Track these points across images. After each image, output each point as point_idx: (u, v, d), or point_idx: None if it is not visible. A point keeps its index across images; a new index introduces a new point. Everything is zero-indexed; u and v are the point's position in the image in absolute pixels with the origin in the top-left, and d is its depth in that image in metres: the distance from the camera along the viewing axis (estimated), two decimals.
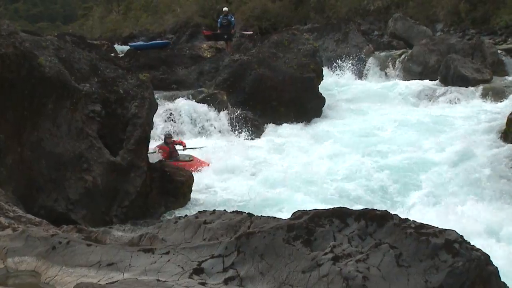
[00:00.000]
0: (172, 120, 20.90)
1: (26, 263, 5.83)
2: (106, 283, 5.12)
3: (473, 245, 5.10)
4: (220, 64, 24.65)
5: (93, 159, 12.46)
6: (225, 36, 29.07)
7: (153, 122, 15.37)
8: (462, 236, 5.12)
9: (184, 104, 21.56)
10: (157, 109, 15.85)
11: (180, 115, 21.19)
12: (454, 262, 4.86)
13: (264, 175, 16.97)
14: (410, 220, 5.43)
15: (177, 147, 17.82)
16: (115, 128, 13.68)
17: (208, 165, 17.34)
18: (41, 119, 11.86)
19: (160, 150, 17.05)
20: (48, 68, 11.92)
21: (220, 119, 21.75)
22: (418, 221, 5.45)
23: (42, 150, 11.85)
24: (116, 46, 37.56)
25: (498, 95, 23.26)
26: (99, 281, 5.23)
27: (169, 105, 21.34)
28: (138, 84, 14.37)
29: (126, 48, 28.14)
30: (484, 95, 23.80)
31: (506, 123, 17.85)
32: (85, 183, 12.18)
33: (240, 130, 21.50)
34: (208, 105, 21.97)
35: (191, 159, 17.52)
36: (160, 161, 14.93)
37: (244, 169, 17.48)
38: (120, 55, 27.38)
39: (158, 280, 5.16)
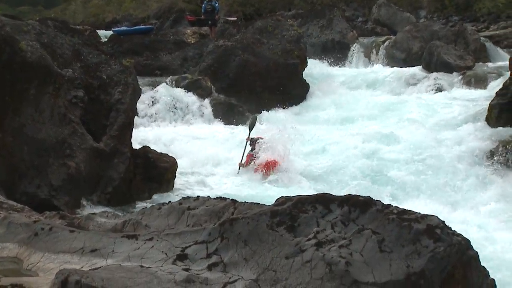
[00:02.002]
0: (155, 106, 20.79)
1: (7, 249, 5.79)
2: (89, 269, 5.10)
3: (454, 231, 5.15)
4: (204, 50, 24.57)
5: (76, 145, 12.39)
6: (209, 22, 28.94)
7: (136, 108, 15.31)
8: (443, 222, 5.17)
9: (167, 90, 21.46)
10: (140, 95, 15.79)
11: (163, 101, 21.09)
12: (436, 247, 4.91)
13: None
14: (392, 206, 5.47)
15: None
16: (98, 114, 13.60)
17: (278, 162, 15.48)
18: (23, 105, 11.75)
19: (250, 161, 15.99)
20: (30, 53, 11.78)
21: (204, 106, 21.68)
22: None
23: (24, 136, 11.74)
24: (99, 31, 37.18)
25: (480, 81, 23.44)
26: (82, 267, 5.21)
27: (153, 91, 21.23)
28: (122, 70, 14.28)
29: (109, 33, 27.93)
30: (466, 82, 23.98)
31: (488, 109, 18.00)
32: (68, 169, 12.11)
33: (224, 116, 21.46)
34: (192, 91, 21.88)
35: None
36: (143, 147, 14.85)
37: (228, 156, 17.49)
38: (103, 41, 27.14)
39: (142, 266, 5.16)
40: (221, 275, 5.12)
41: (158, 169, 14.08)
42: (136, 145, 14.75)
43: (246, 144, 16.00)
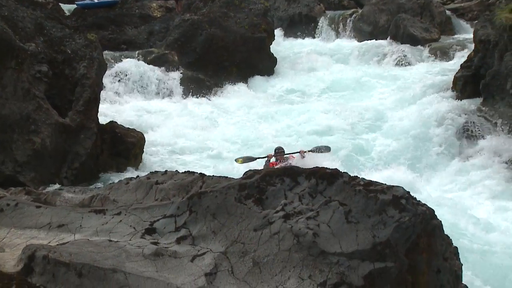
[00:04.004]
0: (121, 81, 20.52)
1: None
2: (57, 244, 5.07)
3: (419, 201, 5.25)
4: (170, 24, 24.27)
5: (41, 120, 12.21)
6: None
7: (102, 83, 15.11)
8: (408, 192, 5.26)
9: (134, 65, 21.18)
10: (106, 69, 15.58)
11: (130, 76, 20.83)
12: (401, 217, 5.01)
13: (214, 135, 17.03)
14: (359, 177, 5.54)
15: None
16: (63, 89, 13.40)
17: None
18: None
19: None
20: None
21: (171, 80, 21.49)
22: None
23: None
24: (62, 5, 36.35)
25: (445, 54, 23.71)
26: (49, 242, 5.17)
27: (119, 65, 20.93)
28: (86, 44, 14.06)
29: (73, 6, 27.30)
30: (432, 54, 24.21)
31: (453, 82, 18.25)
32: (33, 145, 11.95)
33: (191, 91, 21.31)
34: (159, 65, 21.65)
35: None
36: (110, 122, 14.71)
37: (195, 130, 17.44)
38: (67, 14, 26.58)
39: (110, 241, 5.15)
40: (190, 248, 5.14)
41: (126, 144, 13.99)
42: (103, 120, 14.59)
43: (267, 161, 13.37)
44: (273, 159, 13.26)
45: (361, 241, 4.93)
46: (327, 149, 14.07)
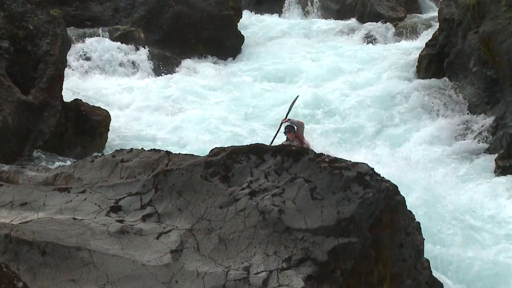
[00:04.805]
0: (86, 58, 20.18)
1: None
2: (20, 223, 5.02)
3: (382, 177, 5.33)
4: (136, 0, 23.88)
5: (3, 98, 11.95)
6: None
7: (66, 60, 14.84)
8: (373, 169, 5.34)
9: (99, 42, 20.84)
10: (70, 46, 15.29)
11: (95, 53, 20.49)
12: (365, 193, 5.08)
13: (180, 114, 16.97)
14: (324, 154, 5.59)
15: None
16: (25, 66, 13.12)
17: None
18: None
19: None
20: None
21: (138, 58, 21.21)
22: None
23: None
24: None
25: (411, 32, 23.89)
26: (11, 221, 5.11)
27: (83, 42, 20.57)
28: (49, 20, 13.75)
29: None
30: (398, 33, 24.38)
31: (418, 60, 18.44)
32: None
33: (157, 69, 21.10)
34: (125, 43, 21.34)
35: None
36: (75, 99, 14.48)
37: (161, 109, 17.31)
38: None
39: (74, 219, 5.11)
40: (156, 226, 5.14)
41: (91, 122, 13.80)
42: (67, 99, 14.36)
43: (280, 125, 12.74)
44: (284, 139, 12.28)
45: (325, 217, 4.99)
46: (295, 99, 13.55)
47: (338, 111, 17.00)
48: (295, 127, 12.16)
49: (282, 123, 12.62)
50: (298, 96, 13.99)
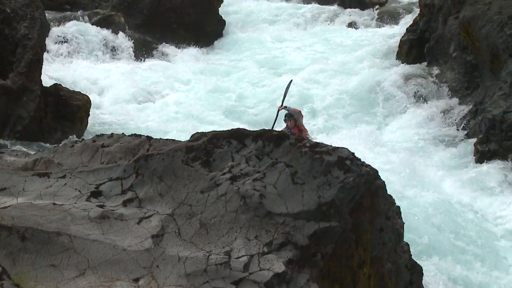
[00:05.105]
0: (65, 42, 19.93)
1: None
2: None
3: (363, 162, 5.36)
4: None
5: None
6: None
7: (45, 44, 14.66)
8: (353, 154, 5.37)
9: (78, 26, 20.58)
10: (49, 30, 15.12)
11: (74, 37, 20.23)
12: (346, 178, 5.11)
13: (162, 101, 16.88)
14: (305, 139, 5.61)
15: None
16: (3, 50, 12.94)
17: None
18: None
19: None
20: None
21: (118, 42, 21.00)
22: None
23: None
24: None
25: (393, 17, 23.93)
26: None
27: (63, 26, 20.31)
28: (27, 4, 13.54)
29: None
30: (380, 18, 24.41)
31: (399, 45, 18.50)
32: None
33: (138, 54, 20.91)
34: (105, 27, 21.11)
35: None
36: (54, 84, 14.31)
37: (142, 94, 17.19)
38: None
39: (54, 204, 5.08)
40: (137, 211, 5.13)
41: (71, 107, 13.67)
42: (47, 84, 14.20)
43: (277, 113, 12.50)
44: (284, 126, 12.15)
45: (306, 202, 5.02)
46: (289, 84, 13.03)
47: (320, 97, 17.02)
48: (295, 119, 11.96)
49: (278, 110, 12.41)
50: (291, 80, 13.69)
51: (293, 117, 12.06)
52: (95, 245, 4.66)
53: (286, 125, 12.05)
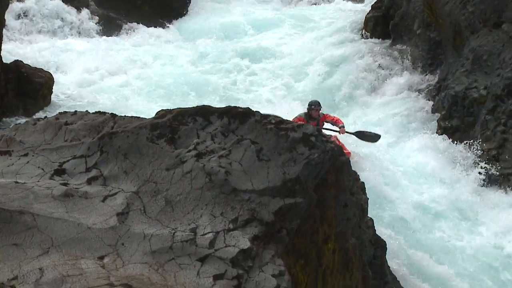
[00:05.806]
0: (26, 17, 19.47)
1: None
2: None
3: (328, 138, 5.40)
4: None
5: None
6: None
7: (4, 20, 14.31)
8: (318, 130, 5.40)
9: (40, 2, 20.11)
10: (8, 5, 14.75)
11: (36, 13, 19.78)
12: (310, 154, 5.15)
13: (126, 77, 16.70)
14: (271, 116, 5.62)
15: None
16: None
17: (350, 153, 11.20)
18: None
19: None
20: None
21: (82, 18, 20.61)
22: None
23: None
24: None
25: None
26: None
27: (23, 2, 19.83)
28: None
29: None
30: None
31: (364, 22, 18.59)
32: None
33: (101, 30, 20.58)
34: (68, 3, 20.68)
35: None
36: (15, 61, 14.00)
37: (105, 71, 16.96)
38: None
39: (17, 182, 4.99)
40: (101, 189, 5.09)
41: (33, 85, 13.44)
42: (6, 60, 13.89)
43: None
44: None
45: (271, 178, 5.04)
46: (374, 138, 12.02)
47: (285, 74, 17.08)
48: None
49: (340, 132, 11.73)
50: (380, 136, 12.26)
51: (320, 107, 11.91)
52: (59, 224, 4.61)
53: (309, 113, 11.71)
